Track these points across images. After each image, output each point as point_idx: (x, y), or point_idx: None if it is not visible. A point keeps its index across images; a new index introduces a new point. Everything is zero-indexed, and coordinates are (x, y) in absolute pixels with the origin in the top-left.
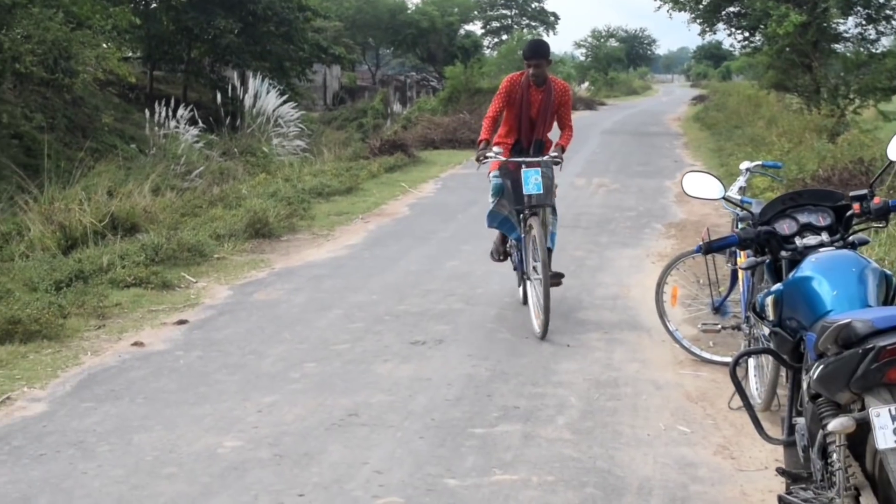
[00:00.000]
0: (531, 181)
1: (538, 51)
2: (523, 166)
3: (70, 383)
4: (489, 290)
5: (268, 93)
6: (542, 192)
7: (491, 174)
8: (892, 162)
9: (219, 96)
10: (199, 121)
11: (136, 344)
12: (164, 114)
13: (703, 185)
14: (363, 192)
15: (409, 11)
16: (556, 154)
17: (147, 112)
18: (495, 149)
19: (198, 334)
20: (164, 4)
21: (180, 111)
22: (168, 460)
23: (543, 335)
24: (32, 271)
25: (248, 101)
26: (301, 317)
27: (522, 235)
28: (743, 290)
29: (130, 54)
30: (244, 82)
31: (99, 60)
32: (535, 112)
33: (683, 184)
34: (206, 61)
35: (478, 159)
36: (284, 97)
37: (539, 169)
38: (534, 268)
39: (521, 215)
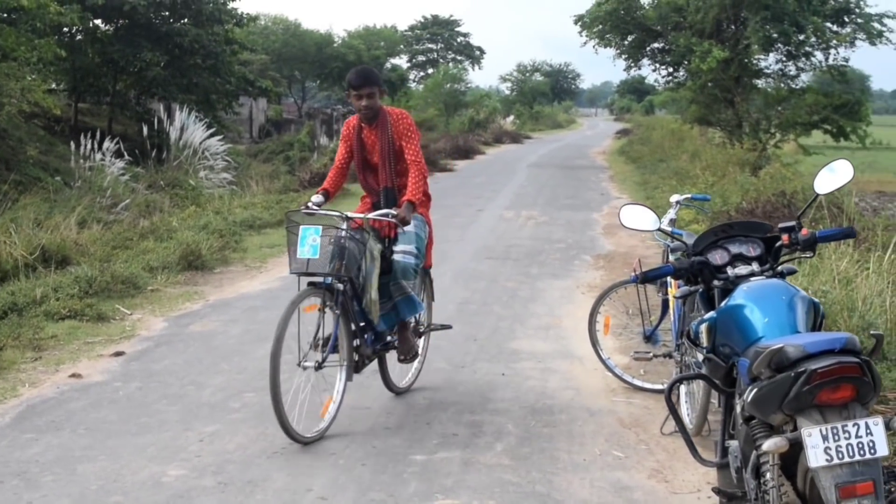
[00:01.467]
0: (307, 241)
1: (368, 77)
2: (302, 224)
3: (9, 415)
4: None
5: (194, 125)
6: (316, 256)
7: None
8: (817, 195)
9: (145, 129)
10: (125, 153)
11: (73, 375)
12: (89, 146)
13: (639, 217)
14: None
15: (335, 45)
16: (387, 211)
17: (72, 144)
18: (315, 198)
19: (136, 366)
20: (89, 37)
21: (106, 143)
22: (113, 489)
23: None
24: None
25: (174, 133)
26: (238, 348)
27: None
28: (674, 318)
29: (55, 86)
30: (170, 115)
31: (24, 93)
32: (376, 157)
33: (621, 215)
34: (132, 93)
35: (303, 209)
36: (211, 130)
37: (319, 227)
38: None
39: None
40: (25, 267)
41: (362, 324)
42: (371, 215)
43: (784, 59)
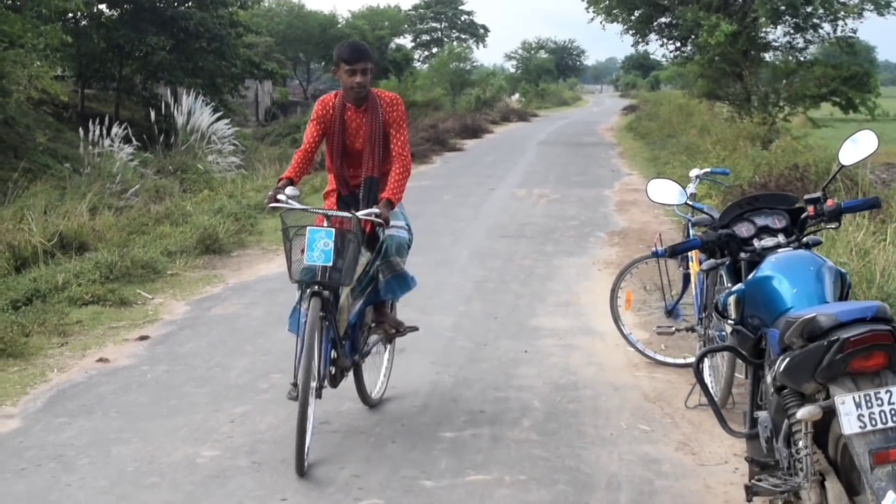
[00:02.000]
0: (317, 246)
1: (363, 51)
2: (310, 225)
3: (41, 399)
4: (443, 301)
5: (201, 109)
6: (329, 263)
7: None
8: (842, 166)
9: (152, 114)
10: (133, 139)
11: (101, 360)
12: (97, 132)
13: (666, 191)
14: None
15: (339, 26)
16: (374, 210)
17: (80, 131)
18: (289, 190)
19: (161, 349)
20: (94, 22)
21: (114, 129)
22: (149, 471)
23: None
24: None
25: (181, 118)
26: (261, 330)
27: (302, 322)
28: (696, 293)
29: (62, 73)
30: (177, 99)
31: (31, 80)
32: (360, 143)
33: (648, 190)
34: (138, 79)
35: (267, 202)
36: (217, 114)
37: (332, 230)
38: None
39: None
40: (44, 254)
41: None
42: (360, 214)
43: (792, 31)
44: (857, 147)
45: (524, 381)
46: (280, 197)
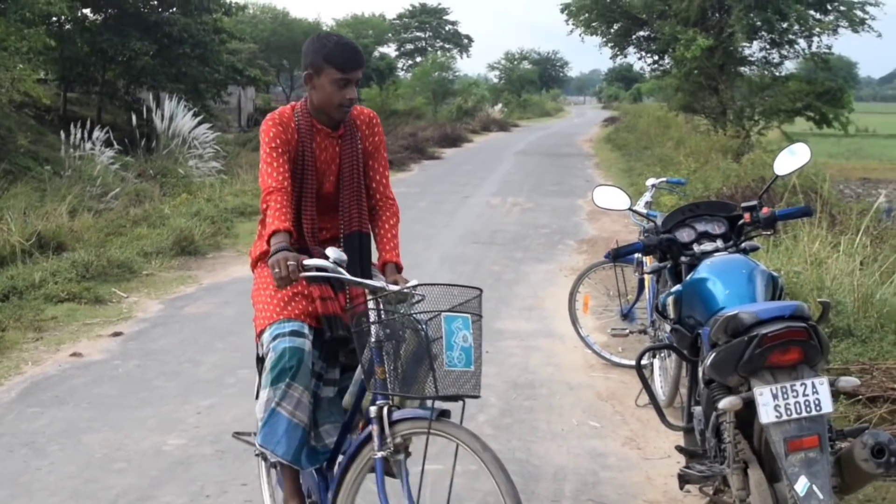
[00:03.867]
0: (457, 343)
1: (361, 56)
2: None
3: (14, 391)
4: None
5: (183, 114)
6: (471, 366)
7: (272, 329)
8: (776, 176)
9: (133, 118)
10: (115, 142)
11: (74, 354)
12: (78, 136)
13: (612, 198)
14: None
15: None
16: (414, 284)
17: (62, 134)
18: (333, 253)
19: (133, 345)
20: (78, 26)
21: (95, 133)
22: (117, 457)
23: None
24: None
25: (163, 122)
26: (232, 328)
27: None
28: (649, 296)
29: (44, 76)
30: (159, 104)
31: (14, 83)
32: (331, 181)
33: (594, 196)
34: (121, 83)
35: (283, 276)
36: (199, 119)
37: (467, 317)
38: None
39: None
40: (22, 253)
41: None
42: (406, 287)
43: (768, 46)
44: (794, 158)
45: (483, 380)
46: (306, 264)
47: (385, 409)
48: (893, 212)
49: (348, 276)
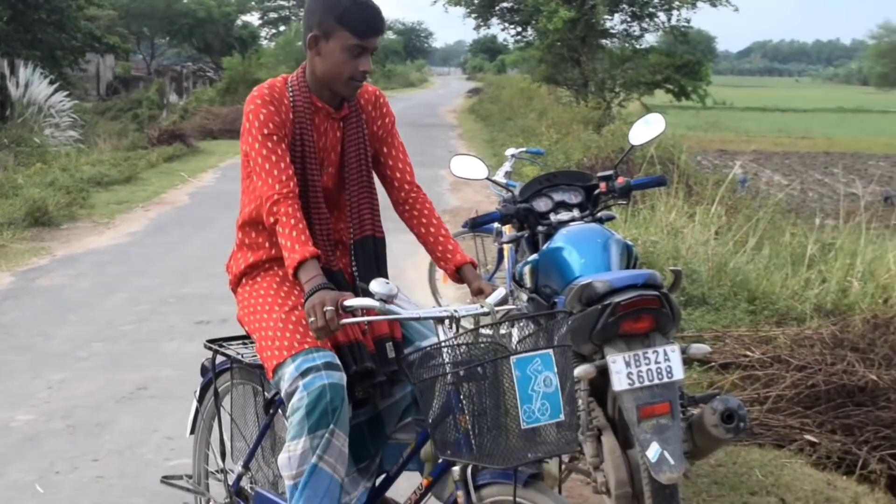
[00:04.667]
0: (536, 391)
1: (383, 20)
2: (513, 352)
3: None
4: None
5: (39, 82)
6: (560, 416)
7: (297, 361)
8: (632, 146)
9: None
10: None
11: None
12: None
13: (470, 167)
14: (143, 182)
15: (185, 1)
16: (502, 296)
17: None
18: (379, 288)
19: None
20: None
21: None
22: None
23: None
24: None
25: (17, 90)
26: (86, 300)
27: None
28: (508, 265)
29: None
30: (14, 71)
31: None
32: (329, 178)
33: (452, 165)
34: None
35: (320, 326)
36: (56, 87)
37: (548, 352)
38: None
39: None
40: None
41: None
42: (491, 301)
43: (629, 19)
44: (649, 128)
45: None
46: (365, 303)
47: (469, 470)
48: (747, 182)
49: (407, 313)
